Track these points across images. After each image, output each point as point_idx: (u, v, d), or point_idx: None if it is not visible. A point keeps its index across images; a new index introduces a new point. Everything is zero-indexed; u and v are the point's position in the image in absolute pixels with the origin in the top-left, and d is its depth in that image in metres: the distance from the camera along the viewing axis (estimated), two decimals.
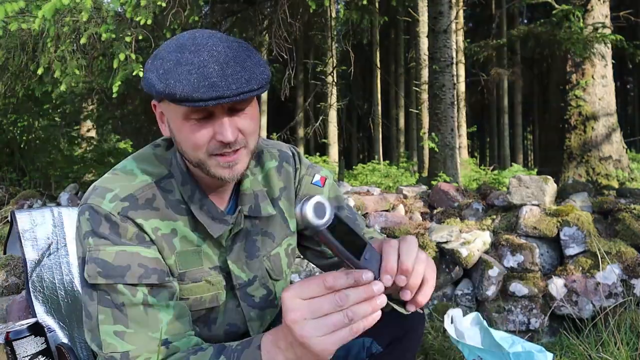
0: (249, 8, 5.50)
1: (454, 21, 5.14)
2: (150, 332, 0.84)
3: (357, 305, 0.66)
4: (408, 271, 0.71)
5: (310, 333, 0.65)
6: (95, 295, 0.86)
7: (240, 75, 0.81)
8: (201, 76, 0.79)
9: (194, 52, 0.82)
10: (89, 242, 0.87)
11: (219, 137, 0.84)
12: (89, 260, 0.87)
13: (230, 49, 0.84)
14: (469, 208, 2.96)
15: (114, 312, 0.85)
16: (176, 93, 0.79)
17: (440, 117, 4.62)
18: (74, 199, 4.38)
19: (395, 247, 0.72)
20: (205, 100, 0.79)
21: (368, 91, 16.17)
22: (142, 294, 0.86)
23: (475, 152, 21.07)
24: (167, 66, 0.82)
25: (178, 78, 0.80)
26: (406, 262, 0.71)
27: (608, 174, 5.49)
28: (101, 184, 0.93)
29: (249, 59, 0.85)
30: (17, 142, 7.25)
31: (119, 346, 0.83)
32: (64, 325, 1.30)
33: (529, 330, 2.36)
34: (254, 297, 1.04)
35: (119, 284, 0.85)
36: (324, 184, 1.12)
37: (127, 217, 0.88)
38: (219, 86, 0.79)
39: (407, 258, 0.71)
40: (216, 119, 0.84)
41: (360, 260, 0.67)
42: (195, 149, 0.87)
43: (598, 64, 5.57)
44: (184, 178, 0.95)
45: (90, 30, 3.55)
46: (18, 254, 1.38)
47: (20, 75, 4.31)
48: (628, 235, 2.52)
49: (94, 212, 0.88)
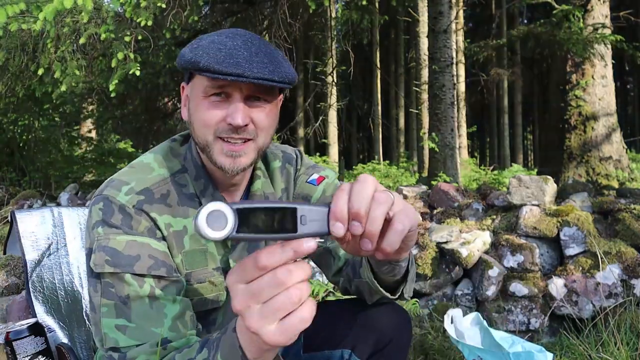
0: (248, 8, 5.50)
1: (454, 21, 5.14)
2: (153, 327, 0.82)
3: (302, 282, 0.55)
4: (359, 215, 0.58)
5: (259, 323, 0.55)
6: (100, 286, 0.84)
7: (265, 65, 0.84)
8: (228, 55, 0.83)
9: (230, 37, 0.88)
10: (99, 231, 0.86)
11: (229, 119, 0.86)
12: (97, 249, 0.85)
13: (265, 46, 0.89)
14: (469, 208, 2.96)
15: (117, 305, 0.83)
16: (200, 61, 0.83)
17: (440, 117, 4.62)
18: (74, 199, 4.38)
19: (346, 190, 0.59)
20: (225, 74, 0.82)
21: (368, 91, 16.18)
22: (149, 286, 0.84)
23: (475, 152, 21.08)
24: (202, 43, 0.88)
25: (207, 51, 0.84)
26: (356, 205, 0.57)
27: (608, 174, 5.49)
28: (118, 176, 0.93)
29: (279, 57, 0.89)
30: (17, 142, 7.25)
31: (120, 341, 0.81)
32: (64, 325, 1.30)
33: (529, 330, 2.36)
34: None
35: (126, 274, 0.83)
36: (319, 183, 1.12)
37: (142, 210, 0.89)
38: (242, 66, 0.82)
39: (357, 200, 0.58)
40: (232, 103, 0.87)
41: (297, 232, 0.56)
42: (205, 127, 0.88)
43: (598, 64, 5.57)
44: (198, 172, 0.96)
45: (90, 31, 3.55)
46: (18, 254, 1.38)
47: (21, 76, 4.32)
48: (628, 235, 2.52)
49: (109, 202, 0.88)
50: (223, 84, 0.86)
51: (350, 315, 1.08)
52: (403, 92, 13.10)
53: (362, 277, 0.96)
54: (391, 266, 0.85)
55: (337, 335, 1.08)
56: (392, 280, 0.92)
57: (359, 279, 0.99)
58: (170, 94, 6.95)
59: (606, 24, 5.51)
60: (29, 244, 1.35)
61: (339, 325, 1.09)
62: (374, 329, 1.04)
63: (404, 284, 0.95)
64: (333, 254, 1.08)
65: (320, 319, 1.13)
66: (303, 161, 1.14)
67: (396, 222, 0.61)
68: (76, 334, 1.31)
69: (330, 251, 1.08)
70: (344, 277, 1.06)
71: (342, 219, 0.57)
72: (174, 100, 7.27)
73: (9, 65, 4.05)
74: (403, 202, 0.64)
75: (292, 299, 0.54)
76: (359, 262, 0.98)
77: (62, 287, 1.35)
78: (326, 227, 0.57)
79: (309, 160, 1.17)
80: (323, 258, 1.11)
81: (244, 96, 0.87)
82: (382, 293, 0.93)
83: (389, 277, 0.89)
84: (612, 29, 5.85)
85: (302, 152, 1.18)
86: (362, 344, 1.05)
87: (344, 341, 1.07)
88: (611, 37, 5.16)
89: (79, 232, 1.43)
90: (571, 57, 5.63)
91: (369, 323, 1.05)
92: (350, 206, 0.58)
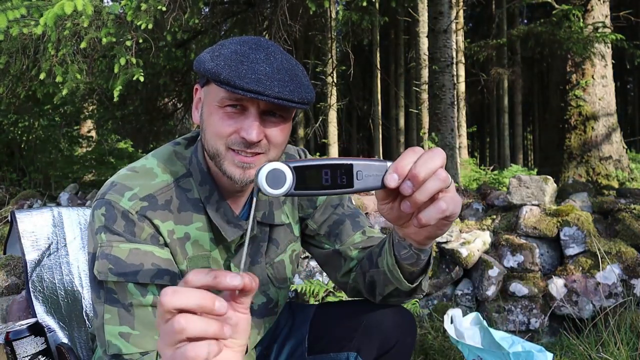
0: (248, 9, 5.50)
1: (454, 21, 5.14)
2: (156, 336, 0.81)
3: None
4: (417, 179, 0.59)
5: None
6: (103, 293, 0.84)
7: (286, 84, 0.82)
8: (250, 69, 0.81)
9: (253, 49, 0.85)
10: (102, 237, 0.86)
11: (243, 133, 0.85)
12: (100, 256, 0.85)
13: (287, 61, 0.87)
14: (469, 208, 2.96)
15: (120, 312, 0.83)
16: (222, 73, 0.81)
17: (440, 117, 4.62)
18: (74, 199, 4.39)
19: (417, 152, 0.61)
20: (245, 90, 0.80)
21: (368, 91, 16.18)
22: (152, 295, 0.84)
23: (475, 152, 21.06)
24: (224, 52, 0.85)
25: (229, 63, 0.82)
26: (419, 169, 0.59)
27: (608, 174, 5.49)
28: (120, 180, 0.91)
29: (300, 77, 0.86)
30: (18, 142, 7.26)
31: (123, 348, 0.81)
32: (64, 325, 1.31)
33: (529, 330, 2.36)
34: (253, 304, 1.03)
35: (129, 283, 0.83)
36: None
37: (145, 216, 0.88)
38: (263, 83, 0.80)
39: (422, 165, 0.59)
40: (247, 117, 0.85)
41: (353, 187, 0.59)
42: (217, 137, 0.87)
43: (598, 64, 5.57)
44: (203, 177, 0.95)
45: (91, 35, 3.55)
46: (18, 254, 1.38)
47: (22, 78, 4.32)
48: (628, 235, 2.52)
49: (111, 207, 0.87)
50: (241, 98, 0.84)
51: (355, 317, 1.07)
52: (403, 92, 13.09)
53: (380, 267, 0.94)
54: (412, 252, 0.83)
55: (342, 337, 1.08)
56: (410, 271, 0.89)
57: (375, 268, 0.96)
58: (170, 95, 6.95)
59: (606, 24, 5.51)
60: (29, 244, 1.35)
61: (344, 327, 1.08)
62: (380, 331, 1.03)
63: (424, 275, 0.93)
64: (344, 255, 1.06)
65: (325, 321, 1.13)
66: None
67: (442, 201, 0.62)
68: (76, 334, 1.31)
69: (341, 253, 1.07)
70: (356, 272, 1.04)
71: (401, 174, 0.59)
72: (174, 101, 7.26)
73: (10, 68, 4.06)
74: (455, 191, 0.65)
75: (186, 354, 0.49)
76: (376, 252, 0.96)
77: (62, 287, 1.35)
78: (380, 182, 0.60)
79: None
80: (331, 260, 1.09)
81: (260, 111, 0.85)
82: (401, 280, 0.90)
83: (409, 265, 0.87)
84: (612, 29, 5.85)
85: (307, 152, 1.17)
86: (367, 346, 1.04)
87: (350, 344, 1.06)
88: (611, 36, 5.15)
89: (79, 232, 1.43)
90: (571, 56, 5.63)
91: (374, 325, 1.04)
92: (413, 167, 0.59)
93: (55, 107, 6.70)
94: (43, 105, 6.72)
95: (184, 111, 7.34)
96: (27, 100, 5.87)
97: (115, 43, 3.69)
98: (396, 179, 0.59)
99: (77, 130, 8.91)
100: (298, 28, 4.99)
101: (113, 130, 8.06)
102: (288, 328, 1.18)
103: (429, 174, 0.60)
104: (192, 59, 5.80)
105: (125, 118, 6.88)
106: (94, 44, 3.69)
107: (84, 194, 4.69)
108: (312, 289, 2.36)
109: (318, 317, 1.15)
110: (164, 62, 5.85)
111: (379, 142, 12.39)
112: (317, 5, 4.23)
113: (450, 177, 0.65)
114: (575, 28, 5.20)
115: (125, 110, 6.71)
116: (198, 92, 0.95)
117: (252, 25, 5.66)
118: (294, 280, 2.52)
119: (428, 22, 4.92)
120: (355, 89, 15.13)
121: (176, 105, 7.37)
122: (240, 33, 6.20)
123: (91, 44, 3.67)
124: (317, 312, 1.17)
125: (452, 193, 0.64)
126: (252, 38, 0.89)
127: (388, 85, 13.63)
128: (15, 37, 3.60)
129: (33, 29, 3.35)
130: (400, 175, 0.59)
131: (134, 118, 6.85)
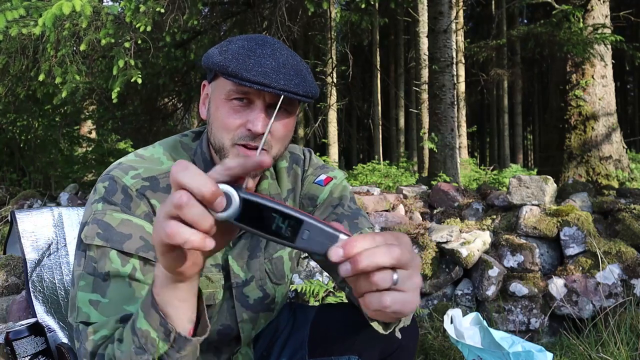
0: (247, 10, 5.50)
1: (454, 21, 5.14)
2: (125, 305, 0.80)
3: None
4: (356, 265, 0.52)
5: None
6: (84, 261, 0.84)
7: (291, 78, 0.86)
8: (257, 63, 0.85)
9: (260, 45, 0.89)
10: (97, 206, 0.87)
11: (249, 125, 0.87)
12: (91, 221, 0.86)
13: (292, 57, 0.90)
14: (469, 208, 2.96)
15: (95, 281, 0.82)
16: (229, 66, 0.84)
17: (440, 117, 4.62)
18: (74, 199, 4.38)
19: (379, 240, 0.54)
20: (252, 82, 0.83)
21: (368, 91, 16.18)
22: (131, 266, 0.83)
23: (475, 152, 21.07)
24: (232, 47, 0.88)
25: (236, 56, 0.86)
26: (366, 263, 0.52)
27: (608, 174, 5.48)
28: (127, 162, 0.94)
29: (304, 72, 0.90)
30: (17, 142, 7.25)
31: (92, 316, 0.79)
32: (64, 325, 1.31)
33: (529, 330, 2.36)
34: (248, 298, 1.03)
35: (112, 250, 0.83)
36: (327, 184, 1.10)
37: (144, 195, 0.90)
38: (269, 76, 0.83)
39: (370, 256, 0.52)
40: (253, 110, 0.88)
41: (295, 243, 0.55)
42: (224, 130, 0.89)
43: (598, 64, 5.57)
44: (207, 168, 0.96)
45: (90, 36, 3.56)
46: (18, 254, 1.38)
47: (22, 78, 4.33)
48: (628, 235, 2.52)
49: (114, 182, 0.90)
50: (248, 91, 0.87)
51: (356, 321, 1.05)
52: (403, 92, 13.10)
53: None
54: None
55: (344, 341, 1.07)
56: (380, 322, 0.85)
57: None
58: (170, 95, 6.95)
59: (606, 24, 5.51)
60: (29, 244, 1.35)
61: (346, 331, 1.08)
62: (381, 335, 1.04)
63: (397, 323, 0.89)
64: None
65: (326, 324, 1.13)
66: (311, 162, 1.13)
67: (388, 296, 0.54)
68: None
69: None
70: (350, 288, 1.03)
71: (347, 254, 0.53)
72: (173, 101, 7.26)
73: (10, 68, 4.06)
74: (413, 293, 0.56)
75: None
76: None
77: (62, 287, 1.35)
78: (324, 249, 0.55)
79: (318, 160, 1.16)
80: (328, 263, 1.08)
81: (266, 104, 0.88)
82: (370, 324, 0.85)
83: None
84: (612, 29, 5.85)
85: (312, 152, 1.17)
86: (369, 350, 1.03)
87: (351, 348, 1.06)
88: (611, 37, 5.15)
89: None
90: (571, 57, 5.63)
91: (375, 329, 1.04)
92: (360, 253, 0.52)
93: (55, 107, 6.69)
94: (43, 105, 6.72)
95: (184, 111, 7.34)
96: (26, 100, 5.87)
97: (114, 44, 3.69)
98: (340, 255, 0.53)
99: (77, 130, 8.91)
100: (297, 28, 4.99)
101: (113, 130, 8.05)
102: (288, 330, 1.18)
103: (372, 267, 0.52)
104: (191, 59, 5.80)
105: (125, 118, 6.88)
106: (93, 44, 3.69)
107: (84, 194, 4.69)
108: (312, 289, 2.36)
109: (319, 320, 1.15)
110: (163, 62, 5.84)
111: (378, 142, 12.39)
112: (316, 6, 4.22)
113: (412, 278, 0.55)
114: (575, 29, 5.20)
115: (125, 111, 6.70)
116: (205, 88, 0.97)
117: (251, 26, 5.66)
118: (293, 280, 2.52)
119: (428, 22, 4.92)
120: (355, 89, 15.13)
121: (176, 105, 7.37)
122: (240, 33, 6.20)
123: (90, 45, 3.67)
124: (318, 314, 1.17)
125: (406, 295, 0.54)
126: (258, 35, 0.92)
127: (388, 85, 13.64)
128: (14, 38, 3.61)
129: (32, 29, 3.35)
130: (345, 255, 0.53)
131: (134, 118, 6.85)
